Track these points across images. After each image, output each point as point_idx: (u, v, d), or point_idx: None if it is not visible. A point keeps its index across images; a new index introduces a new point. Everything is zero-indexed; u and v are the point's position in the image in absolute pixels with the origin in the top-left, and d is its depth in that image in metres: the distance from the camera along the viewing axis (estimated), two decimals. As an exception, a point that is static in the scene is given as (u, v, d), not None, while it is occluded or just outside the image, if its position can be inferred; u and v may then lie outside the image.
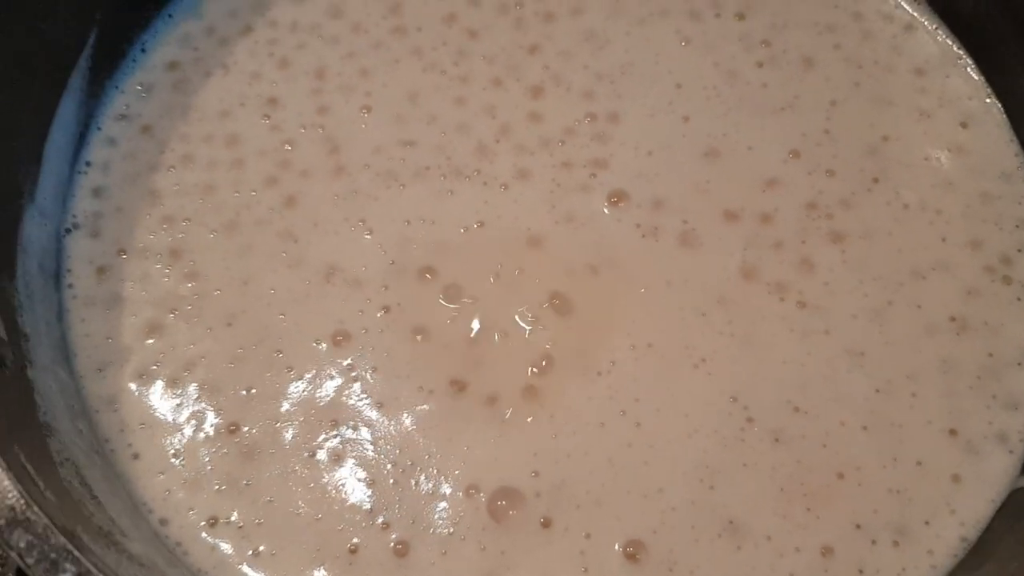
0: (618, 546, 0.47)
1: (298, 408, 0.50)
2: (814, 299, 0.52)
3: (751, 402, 0.50)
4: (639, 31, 0.59)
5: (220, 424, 0.50)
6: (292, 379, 0.50)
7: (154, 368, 0.51)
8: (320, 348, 0.51)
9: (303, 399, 0.50)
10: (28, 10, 0.51)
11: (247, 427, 0.49)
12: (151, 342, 0.51)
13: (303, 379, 0.50)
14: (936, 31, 0.59)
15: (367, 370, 0.50)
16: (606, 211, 0.54)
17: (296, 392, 0.50)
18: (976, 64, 0.58)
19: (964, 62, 0.59)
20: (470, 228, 0.54)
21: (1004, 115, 0.57)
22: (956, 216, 0.54)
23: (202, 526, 0.48)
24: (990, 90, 0.58)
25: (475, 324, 0.51)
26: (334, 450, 0.49)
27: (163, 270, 0.53)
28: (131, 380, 0.50)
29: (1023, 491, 0.48)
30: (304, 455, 0.49)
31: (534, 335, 0.51)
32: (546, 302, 0.52)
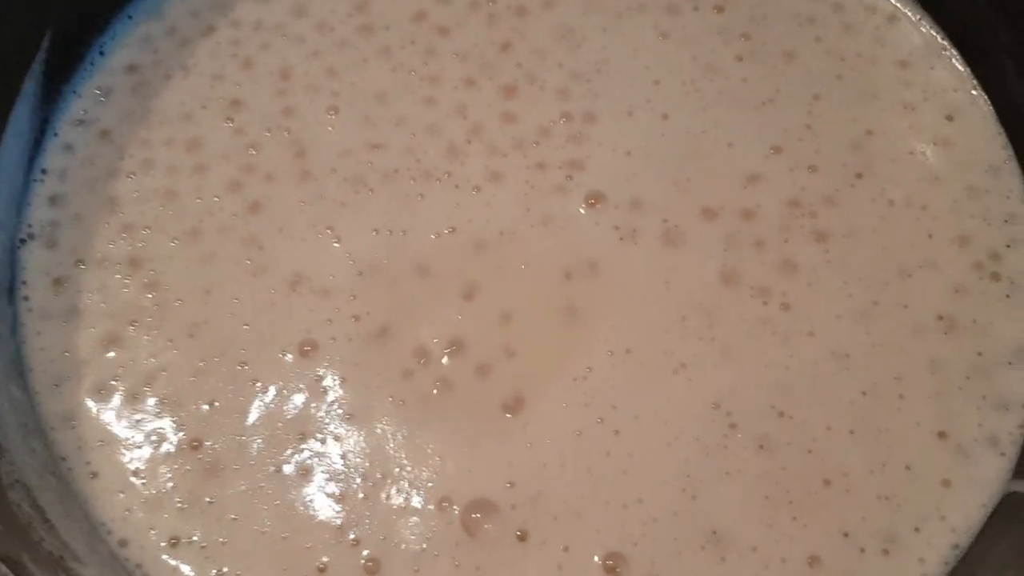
0: (597, 559, 0.46)
1: (264, 422, 0.49)
2: (797, 301, 0.51)
3: (734, 408, 0.49)
4: (615, 26, 0.58)
5: (182, 440, 0.48)
6: (257, 392, 0.49)
7: (113, 382, 0.49)
8: (286, 359, 0.50)
9: (269, 412, 0.49)
10: (-24, 12, 0.50)
11: (210, 442, 0.48)
12: (110, 355, 0.50)
13: (269, 391, 0.49)
14: (920, 22, 0.59)
15: (335, 381, 0.49)
16: (583, 213, 0.53)
17: (261, 405, 0.49)
18: (961, 55, 0.58)
19: (949, 53, 0.58)
20: (441, 234, 0.52)
21: (990, 107, 0.56)
22: (942, 211, 0.53)
23: (163, 547, 0.46)
24: (975, 81, 0.57)
25: (447, 332, 0.50)
26: (302, 464, 0.48)
27: (122, 280, 0.52)
28: (89, 395, 0.49)
29: (1016, 495, 0.48)
30: (270, 470, 0.48)
31: (507, 341, 0.50)
32: (521, 307, 0.50)
